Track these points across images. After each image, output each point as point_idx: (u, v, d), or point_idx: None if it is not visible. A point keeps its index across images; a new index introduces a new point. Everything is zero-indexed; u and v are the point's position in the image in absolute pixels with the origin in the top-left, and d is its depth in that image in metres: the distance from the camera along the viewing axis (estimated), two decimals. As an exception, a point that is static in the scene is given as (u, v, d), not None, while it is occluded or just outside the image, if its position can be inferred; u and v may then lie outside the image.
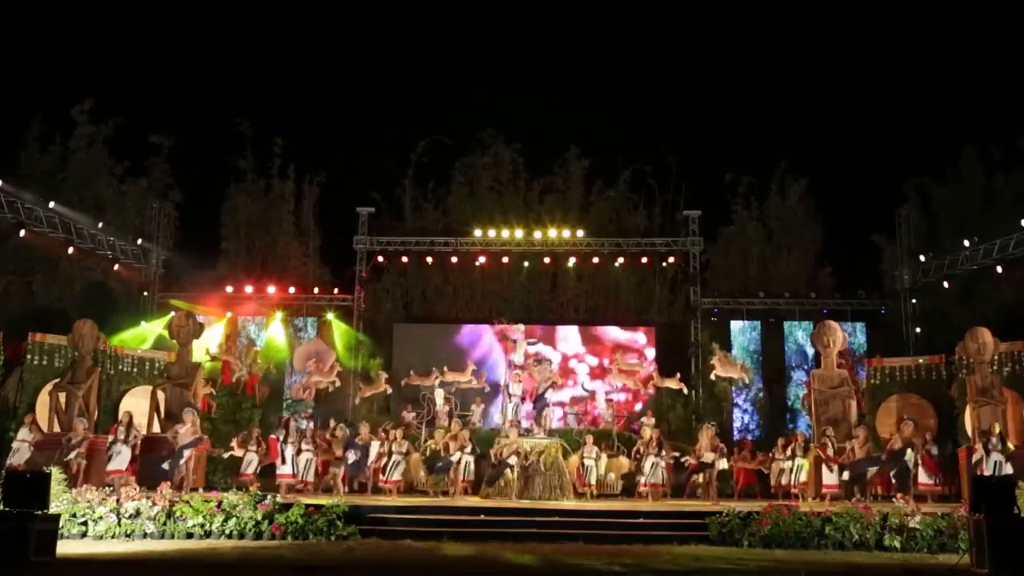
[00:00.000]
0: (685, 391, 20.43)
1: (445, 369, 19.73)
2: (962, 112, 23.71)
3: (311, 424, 17.62)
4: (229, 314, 22.70)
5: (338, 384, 20.46)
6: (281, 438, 16.05)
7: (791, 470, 16.31)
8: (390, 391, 20.12)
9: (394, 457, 16.32)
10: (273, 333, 22.84)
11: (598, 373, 22.28)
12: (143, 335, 21.31)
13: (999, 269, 19.91)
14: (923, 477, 15.71)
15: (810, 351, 21.93)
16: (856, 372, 19.62)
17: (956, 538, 11.63)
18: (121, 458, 15.16)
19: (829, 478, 15.49)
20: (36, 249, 20.38)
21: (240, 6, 27.56)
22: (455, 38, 28.18)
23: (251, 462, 16.27)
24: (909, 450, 15.36)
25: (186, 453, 15.33)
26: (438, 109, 25.72)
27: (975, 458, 14.79)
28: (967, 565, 10.09)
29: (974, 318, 19.43)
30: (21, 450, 15.21)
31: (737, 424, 22.70)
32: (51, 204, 18.85)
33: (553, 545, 11.85)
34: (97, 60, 24.93)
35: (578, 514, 13.87)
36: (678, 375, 20.06)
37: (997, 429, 15.12)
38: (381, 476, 16.37)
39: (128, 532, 12.39)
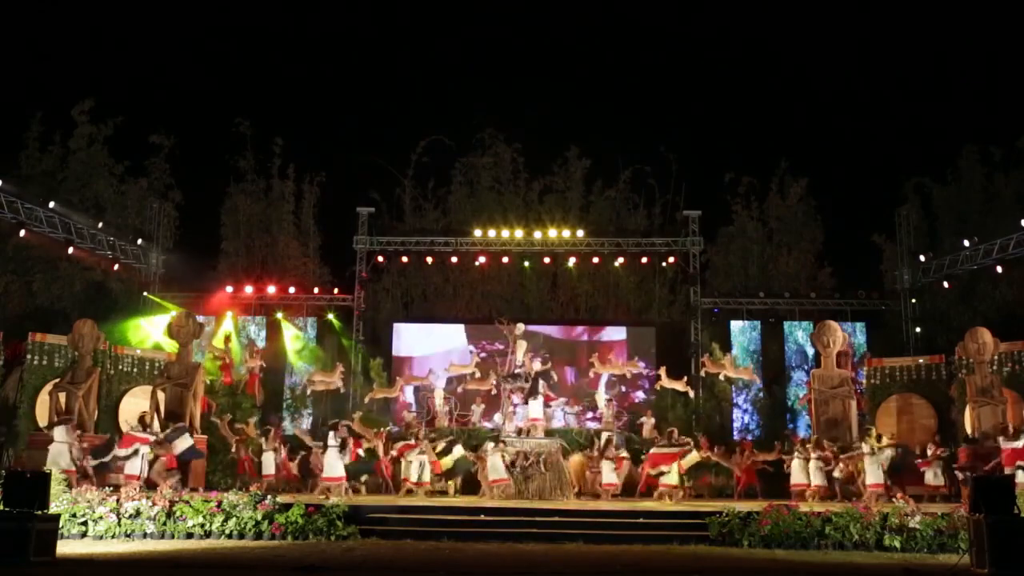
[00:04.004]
0: (691, 394, 20.43)
1: (451, 362, 19.73)
2: (962, 112, 23.78)
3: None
4: (230, 314, 22.72)
5: (341, 388, 20.52)
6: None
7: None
8: (403, 398, 20.12)
9: (420, 458, 16.29)
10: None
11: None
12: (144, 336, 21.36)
13: (999, 269, 19.91)
14: (929, 478, 15.74)
15: (810, 351, 21.94)
16: (856, 372, 19.61)
17: (956, 538, 11.62)
18: (137, 461, 14.86)
19: (875, 476, 15.31)
20: (36, 249, 20.39)
21: (240, 7, 27.61)
22: (455, 38, 28.26)
23: (271, 462, 16.36)
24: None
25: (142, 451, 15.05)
26: (438, 109, 25.77)
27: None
28: (967, 565, 10.08)
29: (974, 318, 19.47)
30: (62, 453, 14.47)
31: (737, 424, 22.70)
32: (51, 204, 18.83)
33: (553, 545, 11.84)
34: (97, 60, 25.00)
35: (578, 514, 13.86)
36: (685, 379, 20.04)
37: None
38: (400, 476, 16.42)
39: (128, 532, 12.38)
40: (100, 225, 20.78)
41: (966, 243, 20.10)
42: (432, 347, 23.20)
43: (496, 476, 15.75)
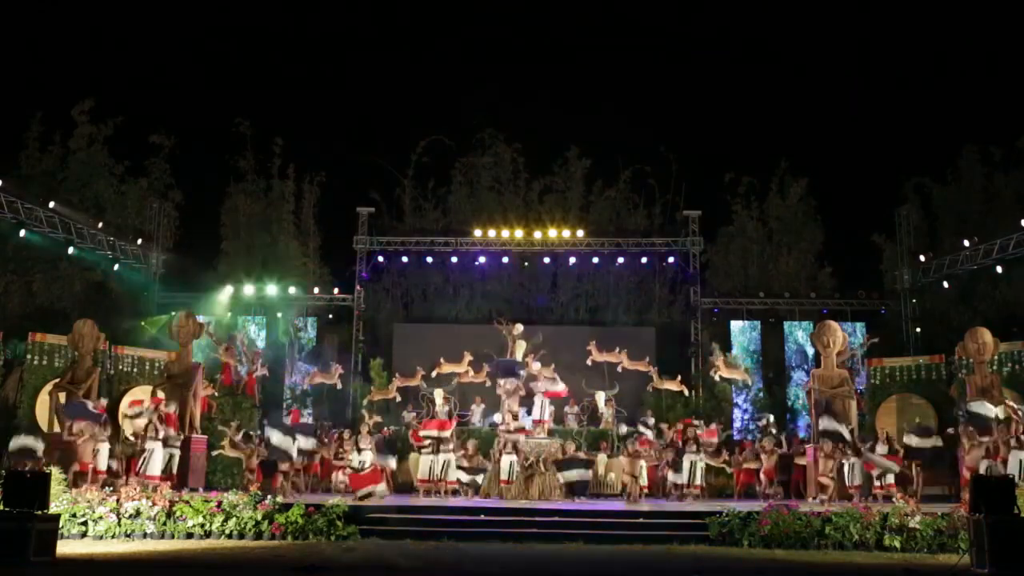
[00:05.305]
0: (686, 393, 20.44)
1: (441, 360, 19.68)
2: (962, 112, 23.76)
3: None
4: (229, 314, 22.70)
5: (339, 386, 20.49)
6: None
7: None
8: (399, 399, 20.13)
9: (444, 456, 16.25)
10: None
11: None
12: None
13: (999, 269, 19.91)
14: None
15: (810, 351, 21.93)
16: (855, 373, 19.60)
17: (956, 538, 11.64)
18: (155, 460, 14.90)
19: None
20: (36, 249, 20.37)
21: (240, 6, 27.62)
22: (455, 38, 28.25)
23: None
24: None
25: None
26: (438, 109, 25.76)
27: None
28: (967, 565, 10.10)
29: (974, 318, 19.47)
30: (102, 452, 15.13)
31: (737, 424, 22.68)
32: (51, 204, 18.82)
33: (553, 545, 11.85)
34: (97, 60, 25.01)
35: (578, 514, 13.87)
36: (679, 377, 20.05)
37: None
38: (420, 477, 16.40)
39: (128, 532, 12.40)
40: (100, 225, 20.77)
41: (966, 243, 20.08)
42: (432, 348, 23.12)
43: (505, 477, 15.78)
